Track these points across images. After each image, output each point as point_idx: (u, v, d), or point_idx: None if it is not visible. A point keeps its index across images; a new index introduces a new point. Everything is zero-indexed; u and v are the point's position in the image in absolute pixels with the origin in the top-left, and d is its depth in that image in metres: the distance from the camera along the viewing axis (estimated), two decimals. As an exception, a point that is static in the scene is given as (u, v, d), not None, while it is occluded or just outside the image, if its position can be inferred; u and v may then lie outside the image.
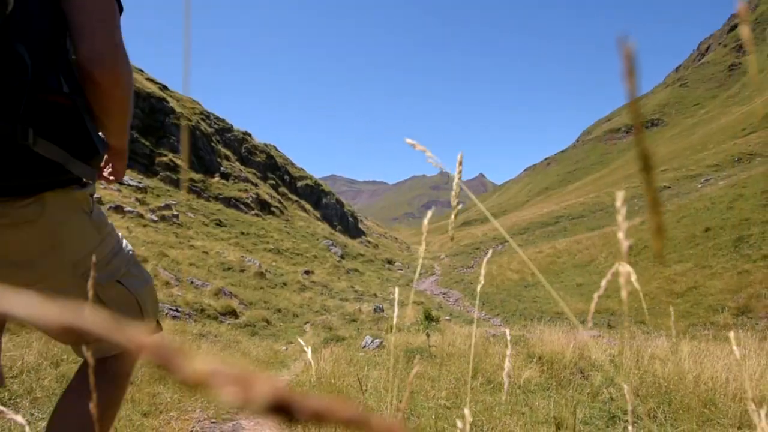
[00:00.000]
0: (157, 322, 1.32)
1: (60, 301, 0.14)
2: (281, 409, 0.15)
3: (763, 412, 0.55)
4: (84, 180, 1.03)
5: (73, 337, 1.05)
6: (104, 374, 1.13)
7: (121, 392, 1.23)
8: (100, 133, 1.04)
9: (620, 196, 0.35)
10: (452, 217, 0.64)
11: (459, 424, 0.68)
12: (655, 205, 0.24)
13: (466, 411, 0.68)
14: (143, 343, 0.15)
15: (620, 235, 0.37)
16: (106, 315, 0.15)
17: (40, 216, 0.94)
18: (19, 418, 0.61)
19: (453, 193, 0.64)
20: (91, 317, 0.15)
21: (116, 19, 0.96)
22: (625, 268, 0.38)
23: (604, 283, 0.44)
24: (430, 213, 0.73)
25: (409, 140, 0.58)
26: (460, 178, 0.65)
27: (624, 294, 0.40)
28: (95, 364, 0.65)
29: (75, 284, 1.02)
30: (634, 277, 0.41)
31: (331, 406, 0.15)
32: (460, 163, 0.65)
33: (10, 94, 0.81)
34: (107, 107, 0.99)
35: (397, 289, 1.12)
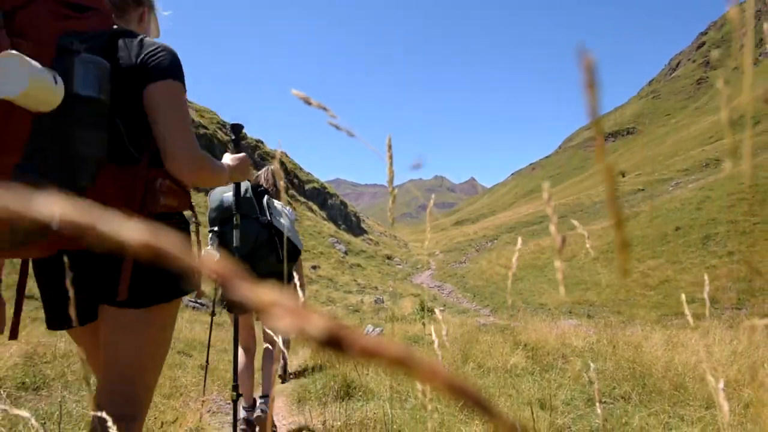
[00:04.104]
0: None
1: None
2: (333, 343, 0.15)
3: (721, 386, 0.56)
4: None
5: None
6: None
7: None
8: None
9: (546, 186, 0.35)
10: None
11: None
12: (620, 221, 0.23)
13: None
14: (214, 267, 0.15)
15: (552, 227, 0.36)
16: (179, 241, 0.15)
17: None
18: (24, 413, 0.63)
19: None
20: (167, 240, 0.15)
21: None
22: (561, 265, 0.37)
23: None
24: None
25: (295, 92, 0.45)
26: (391, 162, 0.59)
27: (561, 289, 0.40)
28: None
29: None
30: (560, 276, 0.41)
31: (379, 345, 0.15)
32: (390, 147, 0.59)
33: None
34: None
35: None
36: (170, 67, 1.03)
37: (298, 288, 0.83)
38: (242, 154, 1.38)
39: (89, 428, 1.02)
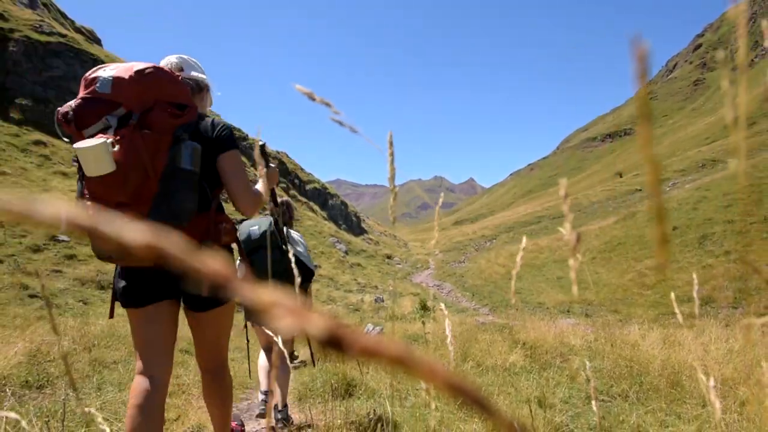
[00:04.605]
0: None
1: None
2: (334, 342, 0.15)
3: (711, 384, 0.56)
4: None
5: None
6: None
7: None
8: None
9: (563, 183, 0.35)
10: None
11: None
12: (661, 215, 0.22)
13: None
14: (215, 268, 0.15)
15: (567, 225, 0.36)
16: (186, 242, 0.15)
17: None
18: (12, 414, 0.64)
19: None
20: (172, 242, 0.15)
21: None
22: (575, 263, 0.37)
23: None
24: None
25: (299, 87, 0.44)
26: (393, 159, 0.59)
27: (574, 288, 0.40)
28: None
29: None
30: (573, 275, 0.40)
31: (379, 344, 0.15)
32: (391, 144, 0.59)
33: None
34: None
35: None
36: (231, 140, 1.55)
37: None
38: (271, 167, 1.88)
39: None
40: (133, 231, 0.15)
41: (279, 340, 0.86)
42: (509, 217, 48.88)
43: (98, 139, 1.28)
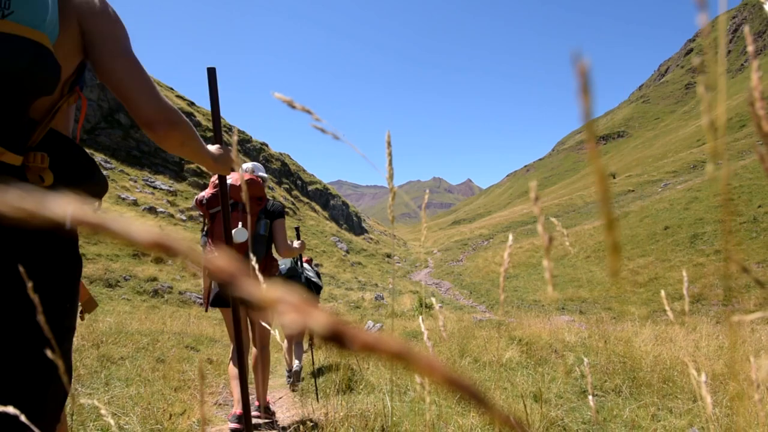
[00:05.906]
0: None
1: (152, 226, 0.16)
2: (336, 338, 0.15)
3: (702, 380, 0.56)
4: None
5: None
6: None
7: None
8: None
9: (533, 186, 0.34)
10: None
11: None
12: (611, 223, 0.23)
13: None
14: (221, 265, 0.16)
15: (539, 227, 0.36)
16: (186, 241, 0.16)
17: None
18: None
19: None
20: (174, 238, 0.16)
21: None
22: (549, 263, 0.37)
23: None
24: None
25: (278, 95, 0.44)
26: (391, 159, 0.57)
27: (549, 288, 0.40)
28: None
29: None
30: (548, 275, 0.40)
31: (379, 340, 0.15)
32: (389, 144, 0.58)
33: None
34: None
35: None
36: (281, 213, 2.57)
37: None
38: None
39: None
40: (141, 230, 0.16)
41: (277, 333, 0.87)
42: (506, 217, 48.89)
43: (242, 228, 2.31)
